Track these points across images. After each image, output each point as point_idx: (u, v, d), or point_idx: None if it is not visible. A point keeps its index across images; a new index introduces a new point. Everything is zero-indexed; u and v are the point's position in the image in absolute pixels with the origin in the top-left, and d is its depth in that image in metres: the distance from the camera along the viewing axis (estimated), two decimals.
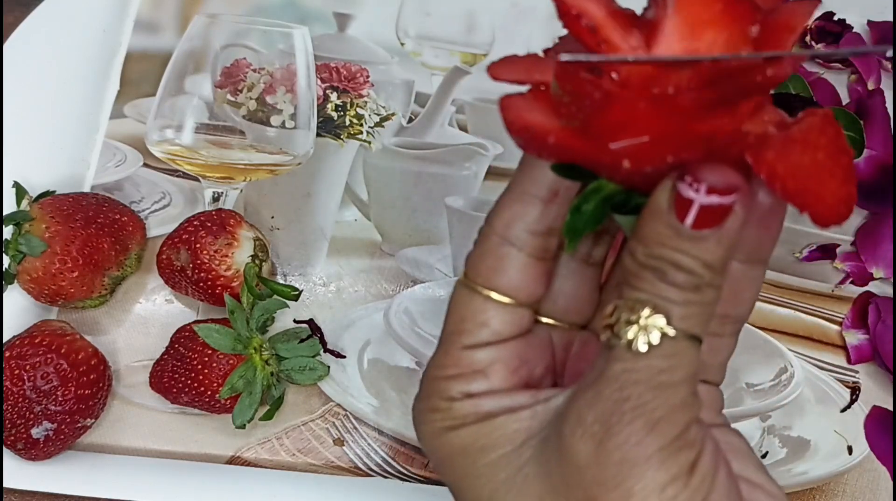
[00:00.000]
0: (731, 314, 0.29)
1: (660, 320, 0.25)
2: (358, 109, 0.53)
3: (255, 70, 0.50)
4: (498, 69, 0.25)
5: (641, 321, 0.25)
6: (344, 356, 0.47)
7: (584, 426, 0.26)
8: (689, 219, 0.24)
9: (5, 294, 0.46)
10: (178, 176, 0.52)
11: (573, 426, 0.26)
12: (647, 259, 0.25)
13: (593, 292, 0.31)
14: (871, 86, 0.53)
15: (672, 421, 0.25)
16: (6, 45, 0.51)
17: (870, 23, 0.54)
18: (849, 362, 0.49)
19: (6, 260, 0.45)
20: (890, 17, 0.54)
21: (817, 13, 0.56)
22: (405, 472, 0.45)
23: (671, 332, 0.25)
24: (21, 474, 0.43)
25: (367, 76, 0.53)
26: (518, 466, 0.27)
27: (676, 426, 0.25)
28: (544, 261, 0.28)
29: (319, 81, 0.52)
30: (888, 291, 0.50)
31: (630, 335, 0.25)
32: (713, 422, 0.30)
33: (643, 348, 0.25)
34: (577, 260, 0.30)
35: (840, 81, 0.53)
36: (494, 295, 0.28)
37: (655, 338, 0.25)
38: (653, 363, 0.25)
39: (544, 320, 0.30)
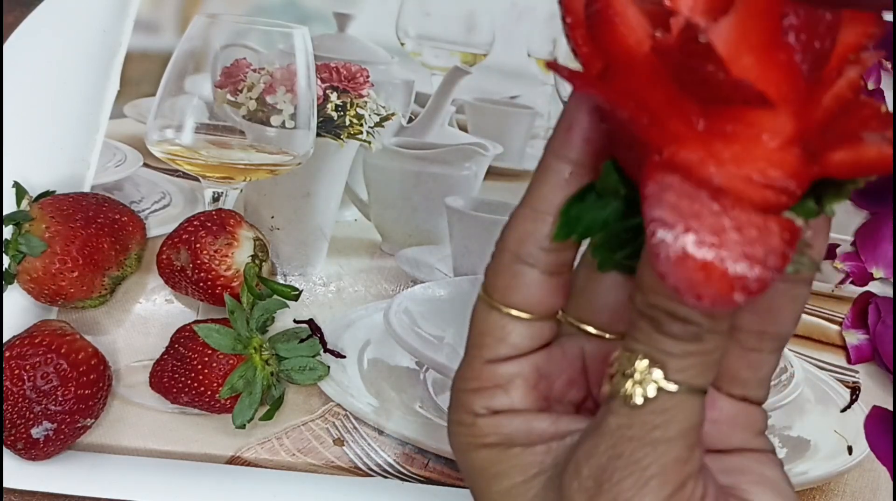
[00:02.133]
0: (770, 331, 0.28)
1: (657, 372, 0.24)
2: (358, 109, 0.53)
3: (255, 70, 0.50)
4: None
5: (636, 375, 0.25)
6: (344, 356, 0.47)
7: (579, 480, 0.25)
8: None
9: (5, 294, 0.46)
10: (178, 176, 0.52)
11: (570, 477, 0.26)
12: (644, 308, 0.25)
13: None
14: (871, 86, 0.53)
15: (665, 480, 0.24)
16: (6, 45, 0.51)
17: None
18: (849, 362, 0.49)
19: (6, 260, 0.45)
20: (890, 17, 0.54)
21: None
22: (405, 472, 0.45)
23: (669, 386, 0.24)
24: (21, 474, 0.43)
25: (367, 76, 0.53)
26: (526, 499, 0.27)
27: (669, 484, 0.25)
28: (559, 275, 0.28)
29: (319, 81, 0.52)
30: (888, 291, 0.50)
31: (626, 389, 0.25)
32: (748, 447, 0.29)
33: (639, 401, 0.24)
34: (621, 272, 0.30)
35: None
36: (512, 311, 0.28)
37: (652, 392, 0.24)
38: (647, 419, 0.24)
39: (592, 330, 0.30)
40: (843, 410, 0.48)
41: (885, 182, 0.51)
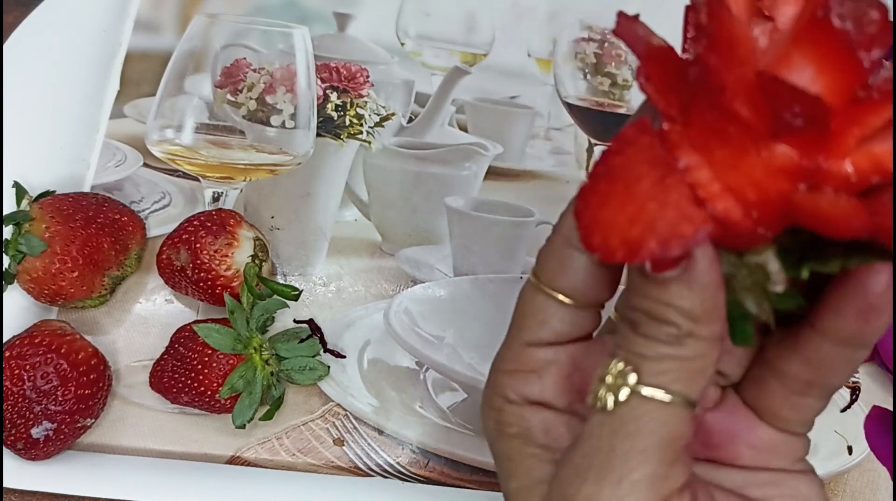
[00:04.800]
0: (818, 382, 0.26)
1: (631, 377, 0.23)
2: (358, 109, 0.53)
3: (255, 70, 0.50)
4: None
5: (609, 379, 0.24)
6: (344, 356, 0.47)
7: (550, 492, 0.25)
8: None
9: (5, 294, 0.46)
10: (178, 176, 0.52)
11: (553, 486, 0.25)
12: (625, 310, 0.24)
13: None
14: None
15: (638, 498, 0.23)
16: (6, 45, 0.51)
17: None
18: None
19: (6, 260, 0.45)
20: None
21: None
22: (405, 472, 0.45)
23: (642, 390, 0.23)
24: (21, 474, 0.43)
25: (367, 76, 0.53)
26: None
27: None
28: (610, 266, 0.27)
29: (319, 81, 0.52)
30: None
31: (601, 393, 0.24)
32: (782, 467, 0.28)
33: (610, 406, 0.23)
34: None
35: None
36: (556, 295, 0.27)
37: (623, 395, 0.23)
38: (617, 426, 0.23)
39: None
40: (843, 410, 0.48)
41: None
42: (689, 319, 0.23)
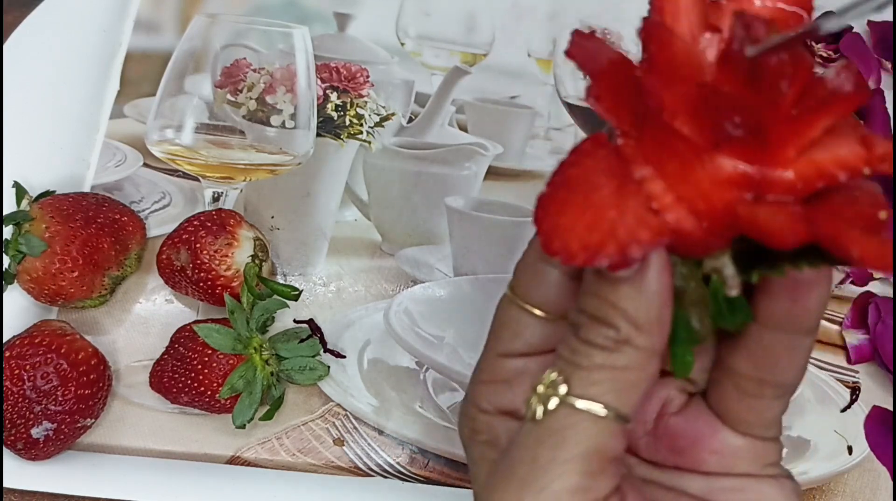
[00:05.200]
0: (769, 379, 0.27)
1: (562, 387, 0.24)
2: (358, 109, 0.53)
3: (255, 70, 0.50)
4: None
5: (541, 389, 0.24)
6: (344, 356, 0.47)
7: (482, 496, 0.25)
8: None
9: (5, 294, 0.46)
10: (178, 176, 0.52)
11: (482, 492, 0.26)
12: (573, 315, 0.24)
13: None
14: (871, 86, 0.53)
15: None
16: (6, 46, 0.51)
17: (870, 23, 0.54)
18: (849, 362, 0.49)
19: (6, 260, 0.45)
20: (890, 17, 0.54)
21: (816, 13, 0.56)
22: (405, 472, 0.45)
23: (570, 400, 0.23)
24: (21, 474, 0.43)
25: (367, 76, 0.53)
26: None
27: None
28: (581, 279, 0.28)
29: (319, 81, 0.52)
30: (888, 291, 0.50)
31: (532, 403, 0.24)
32: (747, 472, 0.28)
33: (539, 415, 0.24)
34: None
35: None
36: (530, 308, 0.28)
37: (552, 405, 0.24)
38: (543, 436, 0.23)
39: None
40: (843, 410, 0.48)
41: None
42: (631, 324, 0.23)
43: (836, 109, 0.22)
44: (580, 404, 0.24)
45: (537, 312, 0.28)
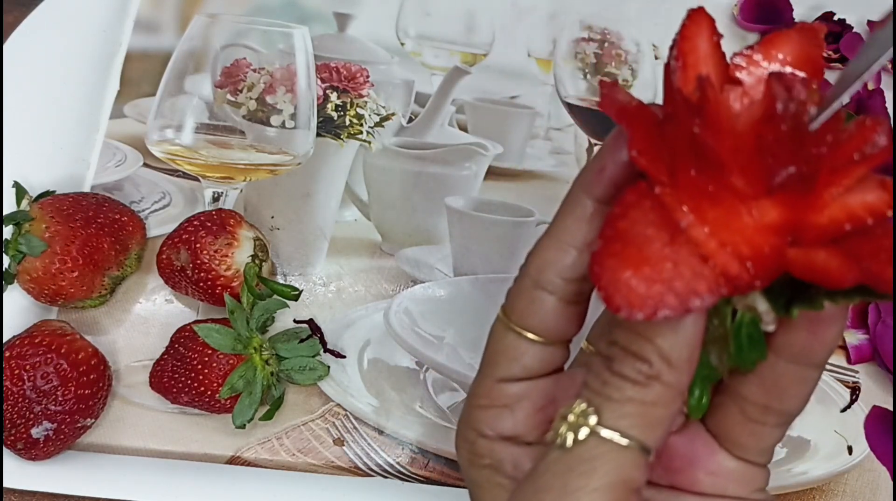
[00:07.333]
0: (775, 407, 0.27)
1: (592, 417, 0.24)
2: (358, 109, 0.53)
3: (255, 70, 0.50)
4: None
5: (571, 417, 0.25)
6: (344, 356, 0.47)
7: None
8: None
9: (5, 294, 0.46)
10: (178, 176, 0.52)
11: None
12: (604, 348, 0.25)
13: None
14: (871, 86, 0.53)
15: None
16: (6, 45, 0.51)
17: (870, 23, 0.54)
18: (849, 362, 0.49)
19: (6, 260, 0.45)
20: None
21: (817, 13, 0.56)
22: (405, 472, 0.45)
23: (601, 431, 0.24)
24: (21, 474, 0.43)
25: (367, 76, 0.53)
26: None
27: None
28: (577, 304, 0.28)
29: (319, 81, 0.52)
30: None
31: (561, 431, 0.25)
32: (739, 496, 0.28)
33: (569, 444, 0.24)
34: None
35: None
36: (526, 333, 0.28)
37: (583, 435, 0.24)
38: (572, 464, 0.24)
39: None
40: (843, 410, 0.48)
41: None
42: (664, 360, 0.24)
43: (873, 161, 0.23)
44: (610, 435, 0.24)
45: (535, 337, 0.28)
